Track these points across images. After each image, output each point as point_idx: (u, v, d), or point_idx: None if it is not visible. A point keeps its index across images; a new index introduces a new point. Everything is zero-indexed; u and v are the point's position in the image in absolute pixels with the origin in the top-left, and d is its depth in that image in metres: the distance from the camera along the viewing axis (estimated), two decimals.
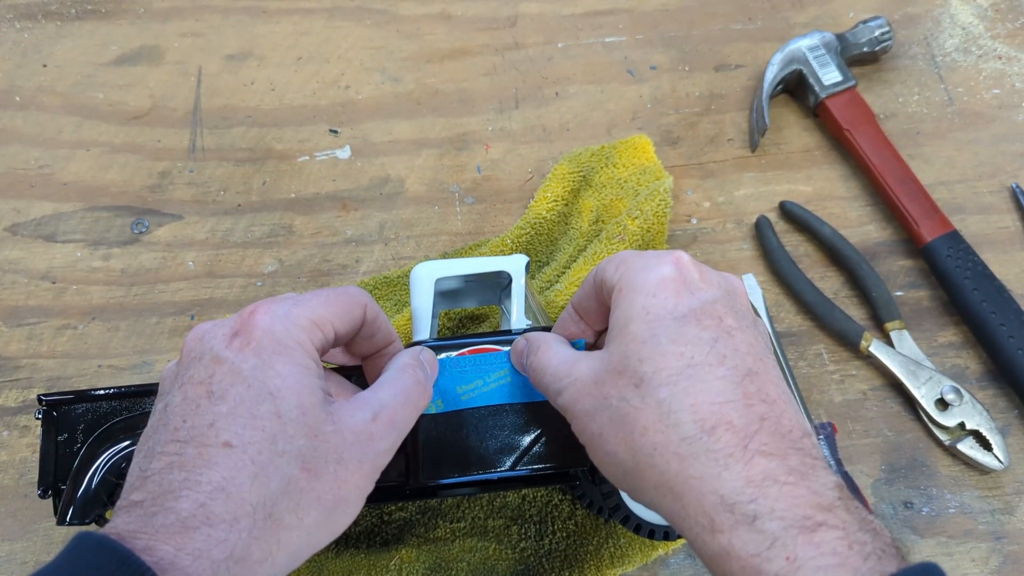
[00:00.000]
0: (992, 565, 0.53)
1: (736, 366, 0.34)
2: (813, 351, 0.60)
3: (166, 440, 0.34)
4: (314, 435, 0.35)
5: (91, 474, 0.46)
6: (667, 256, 0.38)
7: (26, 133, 0.68)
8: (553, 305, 0.58)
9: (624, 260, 0.40)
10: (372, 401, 0.38)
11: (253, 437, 0.34)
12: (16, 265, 0.63)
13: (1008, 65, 0.71)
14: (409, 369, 0.41)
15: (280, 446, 0.34)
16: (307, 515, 0.35)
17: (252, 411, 0.34)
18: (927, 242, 0.61)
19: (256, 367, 0.35)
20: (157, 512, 0.32)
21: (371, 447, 0.37)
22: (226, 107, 0.69)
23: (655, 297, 0.37)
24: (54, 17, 0.74)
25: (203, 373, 0.35)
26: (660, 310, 0.36)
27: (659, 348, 0.35)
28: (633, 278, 0.38)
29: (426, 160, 0.67)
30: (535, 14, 0.74)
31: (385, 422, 0.38)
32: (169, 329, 0.60)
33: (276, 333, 0.36)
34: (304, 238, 0.64)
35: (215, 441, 0.33)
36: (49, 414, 0.47)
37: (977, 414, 0.56)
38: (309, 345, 0.37)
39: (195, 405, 0.35)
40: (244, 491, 0.33)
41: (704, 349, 0.35)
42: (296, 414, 0.35)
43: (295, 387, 0.35)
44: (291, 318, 0.37)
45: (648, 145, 0.66)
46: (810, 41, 0.67)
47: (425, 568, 0.52)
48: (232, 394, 0.34)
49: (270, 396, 0.35)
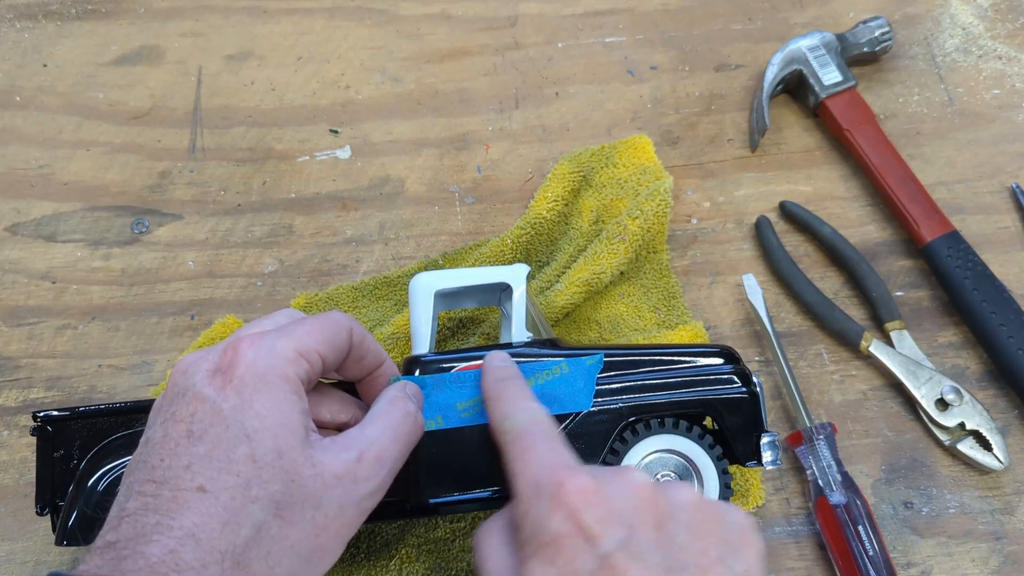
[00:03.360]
0: (992, 565, 0.53)
1: None
2: (813, 351, 0.60)
3: (143, 479, 0.34)
4: (291, 480, 0.34)
5: (90, 492, 0.45)
6: (559, 504, 0.34)
7: (26, 133, 0.68)
8: (553, 305, 0.58)
9: (513, 469, 0.38)
10: (358, 440, 0.37)
11: (227, 482, 0.33)
12: (16, 265, 0.63)
13: (1008, 65, 0.71)
14: (398, 402, 0.40)
15: (254, 492, 0.33)
16: (279, 563, 0.34)
17: (228, 454, 0.34)
18: (927, 242, 0.61)
19: (236, 407, 0.35)
20: (128, 555, 0.31)
21: (355, 490, 0.36)
22: (226, 107, 0.69)
23: (552, 566, 0.34)
24: (54, 17, 0.74)
25: (185, 411, 0.35)
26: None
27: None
28: (525, 537, 0.35)
29: (426, 160, 0.67)
30: (535, 14, 0.74)
31: (371, 462, 0.37)
32: (169, 329, 0.60)
33: (259, 368, 0.36)
34: (304, 238, 0.64)
35: (190, 485, 0.33)
36: (43, 430, 0.47)
37: (977, 414, 0.56)
38: (294, 378, 0.36)
39: (174, 444, 0.34)
40: (214, 538, 0.32)
41: None
42: (272, 458, 0.34)
43: (273, 428, 0.35)
44: (275, 351, 0.36)
45: (648, 145, 0.66)
46: (810, 41, 0.67)
47: (425, 568, 0.52)
48: (211, 435, 0.34)
49: (247, 438, 0.34)
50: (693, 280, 0.62)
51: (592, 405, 0.45)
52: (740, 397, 0.46)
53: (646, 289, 0.61)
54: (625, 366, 0.47)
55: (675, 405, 0.46)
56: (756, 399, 0.47)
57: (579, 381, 0.45)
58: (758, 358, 0.60)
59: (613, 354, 0.47)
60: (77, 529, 0.45)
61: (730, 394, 0.46)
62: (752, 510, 0.54)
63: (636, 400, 0.46)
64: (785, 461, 0.56)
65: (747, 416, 0.46)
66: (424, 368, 0.45)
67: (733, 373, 0.47)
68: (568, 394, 0.45)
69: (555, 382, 0.45)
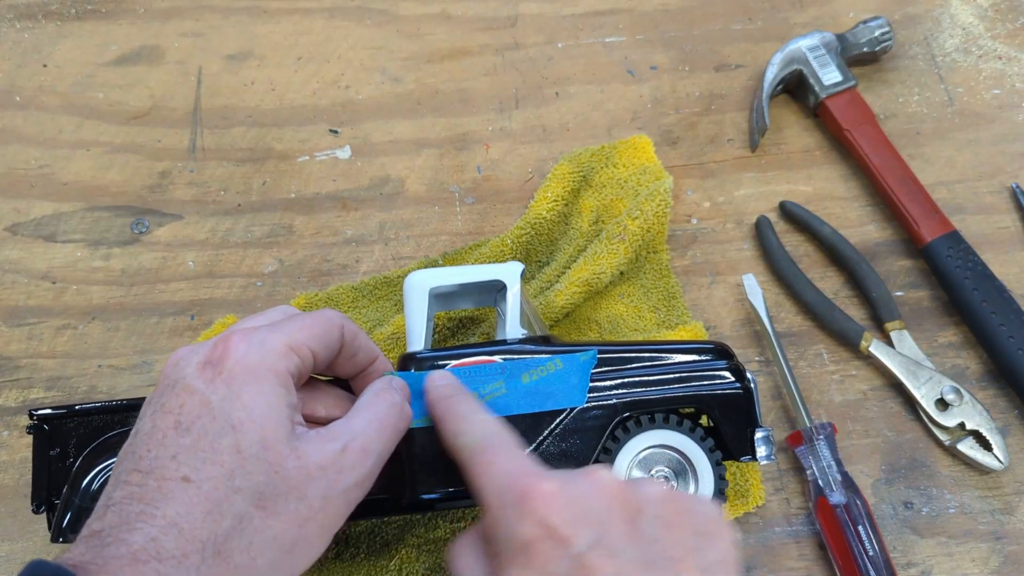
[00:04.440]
0: (992, 565, 0.53)
1: None
2: (813, 351, 0.60)
3: (130, 469, 0.34)
4: (274, 471, 0.35)
5: (85, 489, 0.46)
6: (523, 524, 0.34)
7: (26, 133, 0.68)
8: (552, 306, 0.58)
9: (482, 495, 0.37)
10: (344, 431, 0.38)
11: (211, 472, 0.34)
12: (16, 265, 0.63)
13: (1008, 65, 0.71)
14: (384, 394, 0.41)
15: (237, 482, 0.34)
16: (260, 554, 0.34)
17: (213, 445, 0.34)
18: (927, 242, 0.61)
19: (224, 398, 0.35)
20: (111, 543, 0.32)
21: (340, 481, 0.36)
22: (226, 107, 0.69)
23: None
24: (54, 17, 0.74)
25: (174, 402, 0.35)
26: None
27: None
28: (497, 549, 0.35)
29: (426, 160, 0.67)
30: (535, 14, 0.74)
31: (356, 452, 0.37)
32: (169, 329, 0.60)
33: (249, 361, 0.36)
34: (304, 238, 0.64)
35: (174, 475, 0.33)
36: (40, 428, 0.47)
37: (977, 414, 0.56)
38: (284, 372, 0.37)
39: (162, 435, 0.34)
40: (196, 527, 0.33)
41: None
42: (257, 449, 0.34)
43: (259, 420, 0.35)
44: (266, 344, 0.37)
45: (648, 145, 0.66)
46: (810, 41, 0.67)
47: (425, 568, 0.52)
48: (197, 426, 0.34)
49: (232, 429, 0.34)
50: (693, 280, 0.62)
51: (586, 401, 0.46)
52: (734, 392, 0.47)
53: (646, 289, 0.61)
54: (619, 362, 0.47)
55: (669, 401, 0.46)
56: (750, 394, 0.47)
57: (573, 377, 0.46)
58: (758, 358, 0.60)
59: (607, 350, 0.47)
60: (72, 526, 0.45)
61: (724, 389, 0.47)
62: (752, 510, 0.54)
63: (630, 396, 0.46)
64: (785, 461, 0.56)
65: (741, 411, 0.47)
66: (419, 365, 0.46)
67: (727, 369, 0.47)
68: (562, 390, 0.45)
69: (549, 378, 0.46)
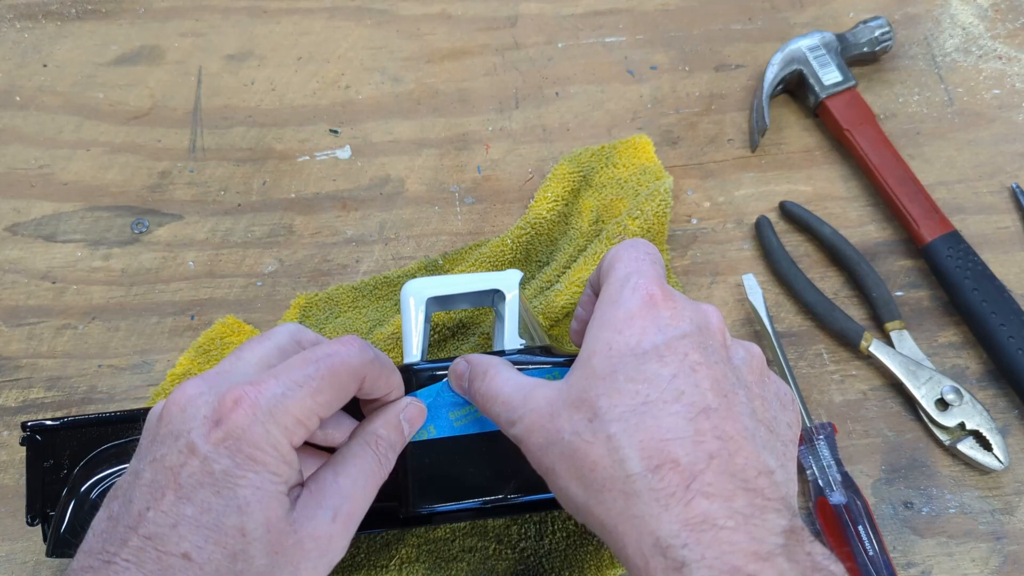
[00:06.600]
0: (992, 565, 0.53)
1: (693, 403, 0.34)
2: (813, 351, 0.60)
3: (129, 526, 0.34)
4: (275, 552, 0.34)
5: (80, 504, 0.45)
6: (640, 290, 0.37)
7: (26, 133, 0.68)
8: (553, 305, 0.58)
9: (609, 271, 0.39)
10: (333, 495, 0.37)
11: (213, 554, 0.33)
12: (16, 265, 0.63)
13: (1008, 65, 0.71)
14: (371, 445, 0.40)
15: (239, 566, 0.33)
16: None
17: (217, 522, 0.33)
18: (927, 242, 0.61)
19: (227, 471, 0.34)
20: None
21: (329, 551, 0.36)
22: (226, 107, 0.69)
23: (620, 334, 0.36)
24: (54, 17, 0.74)
25: (175, 459, 0.34)
26: (623, 347, 0.35)
27: (616, 384, 0.34)
28: (603, 312, 0.37)
29: (426, 160, 0.67)
30: (535, 14, 0.74)
31: (344, 519, 0.37)
32: (169, 329, 0.60)
33: (255, 437, 0.35)
34: (304, 238, 0.64)
35: (175, 549, 0.33)
36: (33, 439, 0.46)
37: (977, 414, 0.56)
38: (287, 448, 0.35)
39: (161, 494, 0.34)
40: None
41: (661, 386, 0.34)
42: (261, 532, 0.34)
43: (264, 500, 0.34)
44: (274, 418, 0.35)
45: (648, 145, 0.66)
46: (810, 41, 0.67)
47: (425, 568, 0.52)
48: (199, 497, 0.34)
49: (238, 510, 0.34)
50: (693, 280, 0.62)
51: None
52: None
53: None
54: None
55: None
56: None
57: None
58: None
59: None
60: (68, 540, 0.44)
61: None
62: None
63: None
64: None
65: None
66: (415, 377, 0.45)
67: None
68: None
69: None
